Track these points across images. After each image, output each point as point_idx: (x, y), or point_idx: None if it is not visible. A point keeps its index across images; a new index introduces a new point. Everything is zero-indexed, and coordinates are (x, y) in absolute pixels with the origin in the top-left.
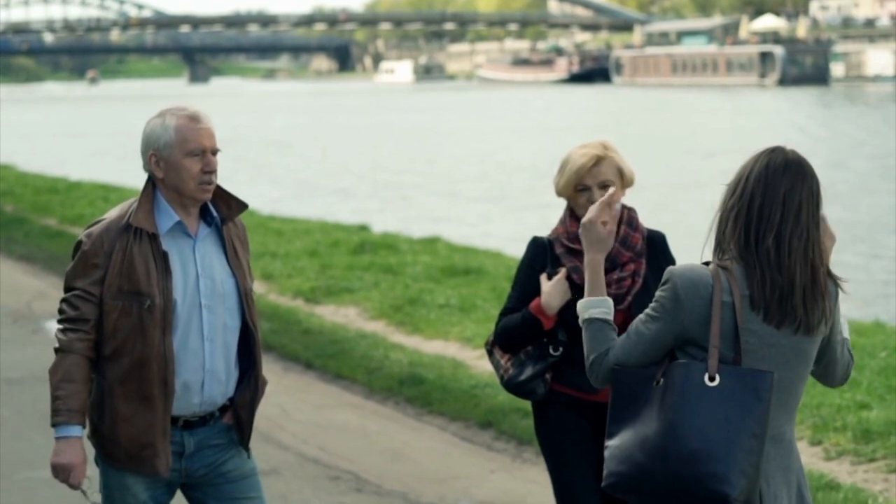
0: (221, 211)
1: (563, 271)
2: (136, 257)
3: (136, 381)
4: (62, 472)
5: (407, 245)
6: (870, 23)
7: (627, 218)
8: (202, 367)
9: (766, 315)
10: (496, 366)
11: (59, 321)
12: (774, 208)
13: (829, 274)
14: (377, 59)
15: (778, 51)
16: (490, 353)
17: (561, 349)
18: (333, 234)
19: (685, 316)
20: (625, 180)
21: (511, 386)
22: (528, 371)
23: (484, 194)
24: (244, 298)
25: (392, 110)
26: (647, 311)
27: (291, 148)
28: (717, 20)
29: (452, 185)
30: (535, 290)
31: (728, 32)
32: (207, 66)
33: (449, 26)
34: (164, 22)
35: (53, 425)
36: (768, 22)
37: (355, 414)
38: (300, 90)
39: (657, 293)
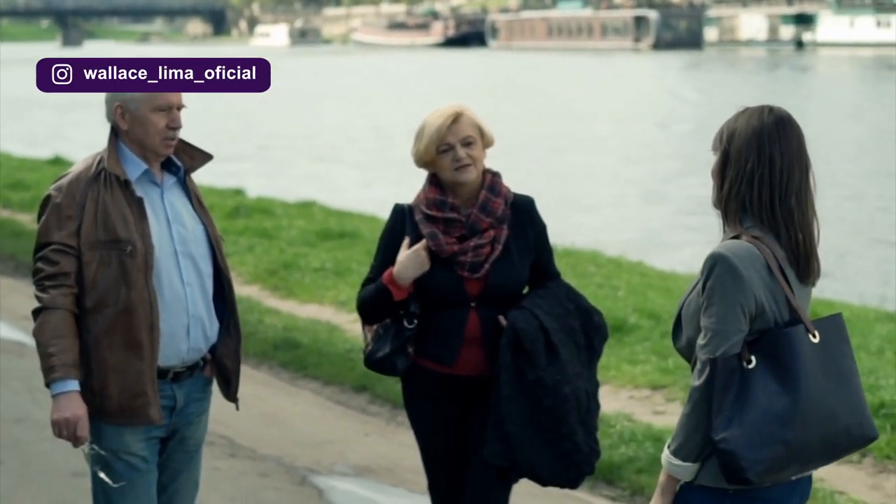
0: (185, 162)
1: (422, 242)
2: (110, 205)
3: (122, 329)
4: (67, 427)
5: (282, 209)
6: None
7: (490, 183)
8: (186, 311)
9: (797, 272)
10: (364, 339)
11: (38, 280)
12: (794, 167)
13: None
14: (252, 22)
15: (652, 15)
16: (363, 326)
17: (416, 322)
18: (208, 197)
19: (754, 288)
20: (485, 139)
21: (371, 362)
22: (387, 347)
23: (359, 159)
24: (215, 245)
25: None
26: (706, 312)
27: None
28: None
29: (328, 150)
30: (396, 259)
31: None
32: (81, 29)
33: None
34: None
35: (49, 384)
36: None
37: None
38: (175, 54)
39: (707, 283)
